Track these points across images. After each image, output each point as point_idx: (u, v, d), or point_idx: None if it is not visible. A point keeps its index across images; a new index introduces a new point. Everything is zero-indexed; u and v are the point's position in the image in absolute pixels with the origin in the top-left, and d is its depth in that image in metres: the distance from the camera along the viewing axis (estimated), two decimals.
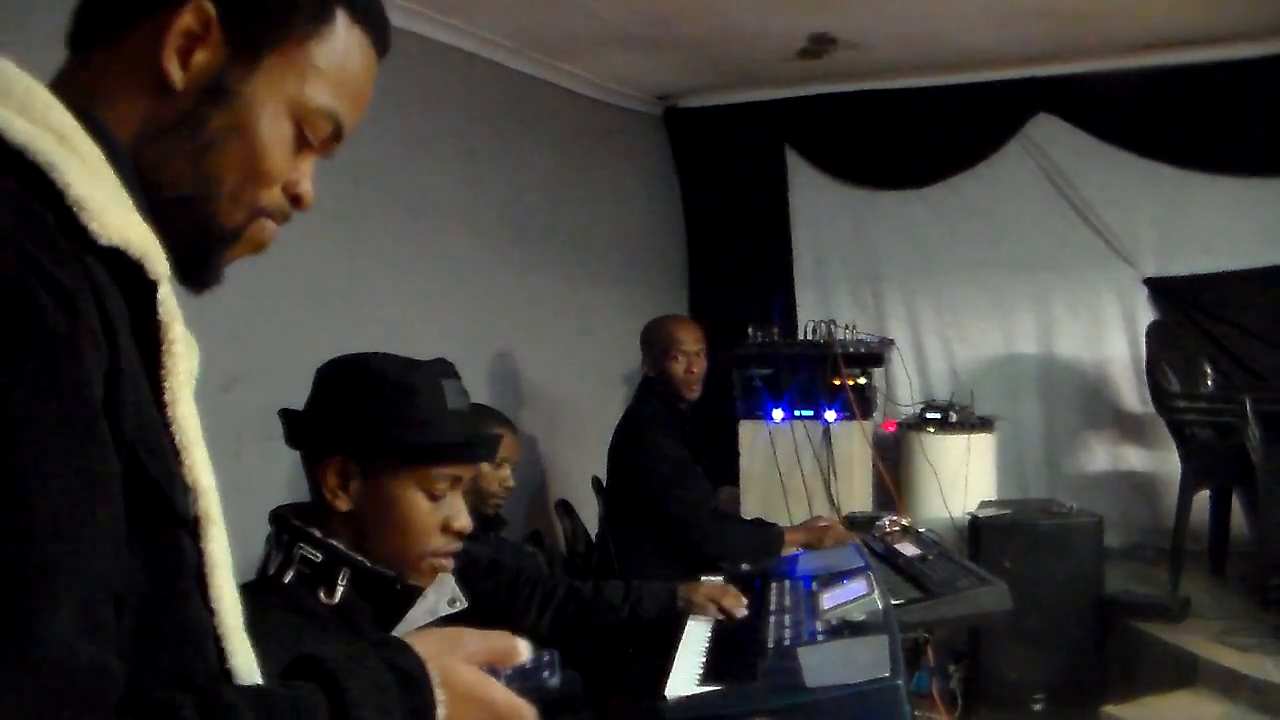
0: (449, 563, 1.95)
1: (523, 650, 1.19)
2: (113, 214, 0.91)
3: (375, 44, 1.14)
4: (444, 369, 1.98)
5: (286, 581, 1.82)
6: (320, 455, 1.90)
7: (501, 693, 1.15)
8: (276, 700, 0.98)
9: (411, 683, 1.07)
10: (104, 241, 0.89)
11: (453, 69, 5.10)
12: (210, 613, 1.02)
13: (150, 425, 0.95)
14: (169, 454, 0.97)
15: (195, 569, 1.01)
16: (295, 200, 1.13)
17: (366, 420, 1.88)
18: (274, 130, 1.06)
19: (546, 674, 1.29)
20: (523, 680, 1.24)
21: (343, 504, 1.87)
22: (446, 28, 4.98)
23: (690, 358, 4.51)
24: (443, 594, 1.97)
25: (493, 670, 1.18)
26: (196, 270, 1.08)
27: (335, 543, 1.85)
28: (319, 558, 1.83)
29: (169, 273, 0.97)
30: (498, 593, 2.88)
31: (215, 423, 1.08)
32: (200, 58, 1.03)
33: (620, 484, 4.46)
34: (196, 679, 0.98)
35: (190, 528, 1.00)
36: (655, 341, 4.60)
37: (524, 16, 5.13)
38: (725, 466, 5.80)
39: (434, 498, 1.90)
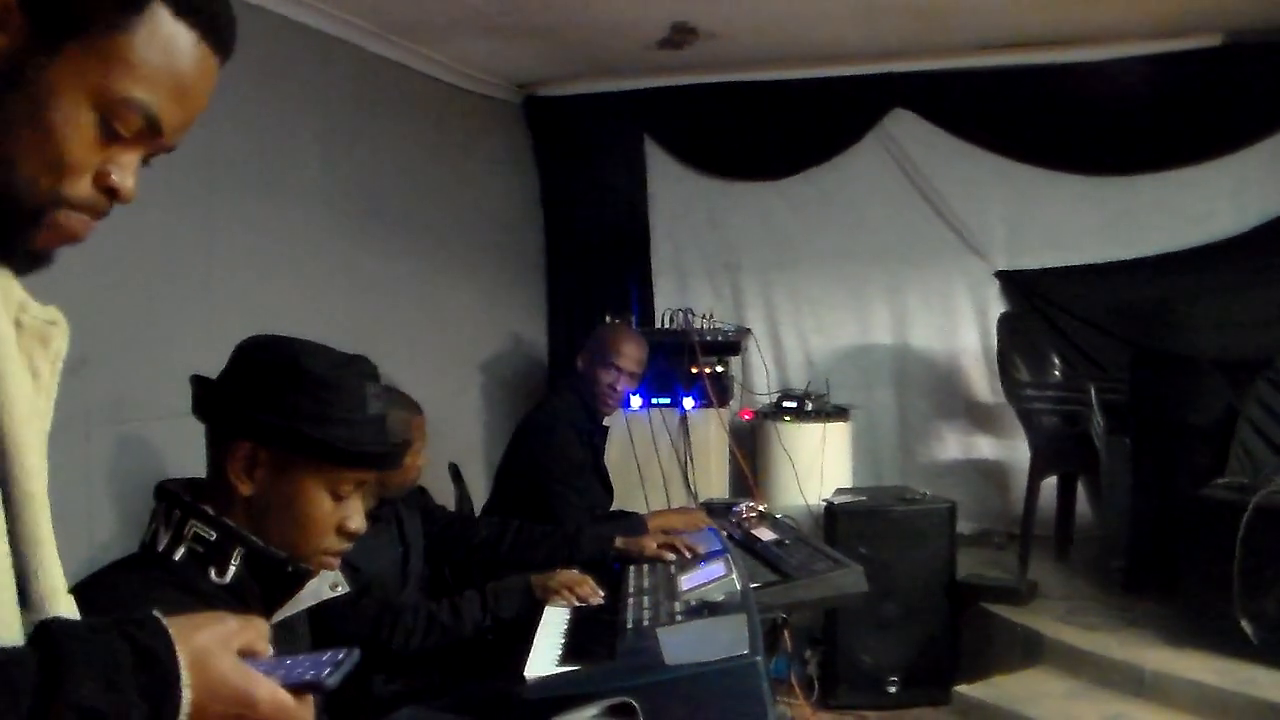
0: (336, 561, 1.96)
1: (264, 626, 1.15)
2: None
3: (208, 43, 1.11)
4: (367, 369, 1.98)
5: (177, 559, 1.79)
6: (230, 435, 1.87)
7: (266, 689, 1.07)
8: None
9: (152, 663, 1.01)
10: None
11: (309, 50, 4.97)
12: None
13: None
14: None
15: None
16: (110, 193, 1.09)
17: (287, 413, 1.86)
18: (71, 119, 1.03)
19: (328, 672, 1.17)
20: (300, 676, 1.14)
21: (245, 489, 1.85)
22: (303, 8, 4.85)
23: (623, 375, 4.46)
24: (325, 578, 1.96)
25: (277, 666, 1.12)
26: (8, 256, 1.07)
27: (229, 521, 1.82)
28: (212, 536, 1.81)
29: None
30: (361, 626, 2.85)
31: (63, 405, 1.05)
32: None
33: (513, 465, 4.41)
34: None
35: None
36: (598, 343, 4.55)
37: None
38: None
39: (338, 498, 1.91)
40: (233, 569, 1.79)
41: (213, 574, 1.79)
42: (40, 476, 1.06)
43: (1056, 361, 6.17)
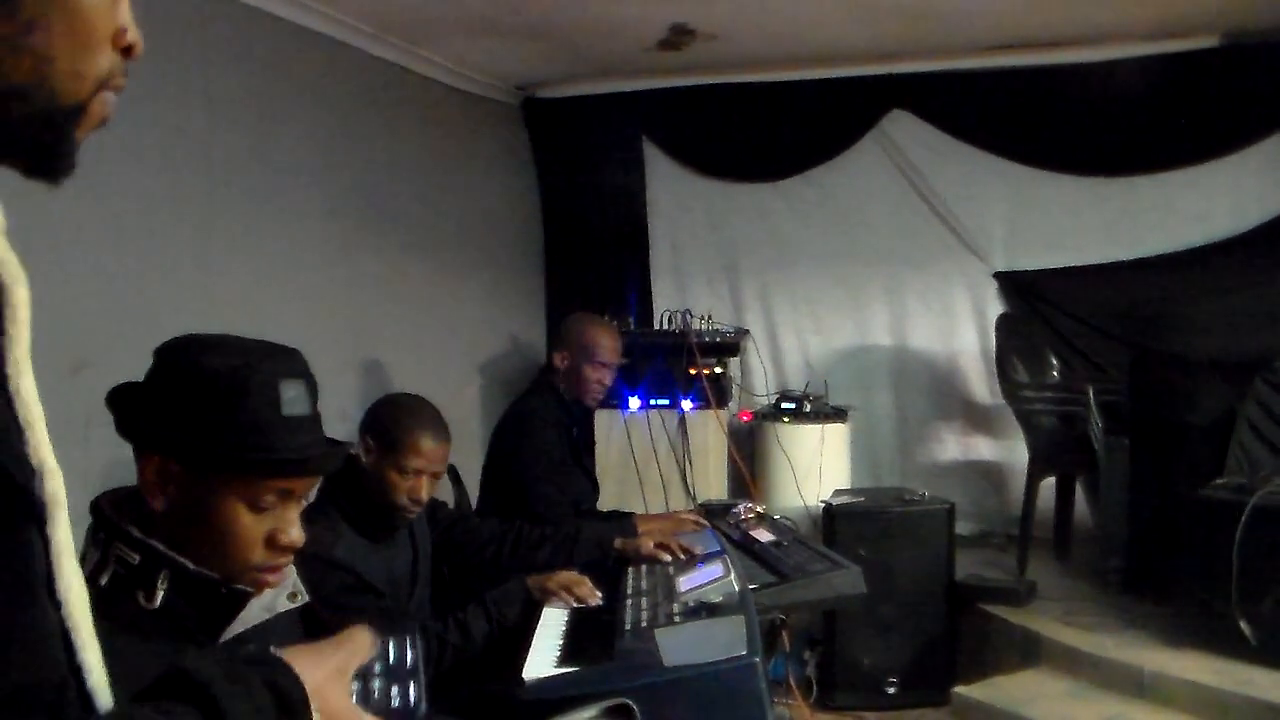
0: (275, 578, 1.80)
1: (368, 642, 1.15)
2: None
3: None
4: (287, 366, 1.79)
5: (103, 583, 1.65)
6: (141, 450, 1.73)
7: None
8: None
9: (291, 707, 1.02)
10: None
11: (310, 53, 4.97)
12: (57, 605, 0.94)
13: None
14: (12, 434, 0.89)
15: (44, 562, 0.93)
16: (126, 52, 1.00)
17: (187, 423, 1.70)
18: None
19: (415, 698, 1.22)
20: (392, 707, 1.18)
21: (160, 504, 1.70)
22: (304, 10, 4.85)
23: (608, 369, 4.51)
24: (282, 589, 1.85)
25: (362, 692, 1.14)
26: (50, 161, 0.97)
27: (154, 542, 1.67)
28: (136, 559, 1.66)
29: (5, 225, 0.91)
30: None
31: (63, 408, 1.01)
32: None
33: (496, 468, 4.42)
34: (48, 684, 0.90)
35: (38, 516, 0.92)
36: (578, 340, 4.56)
37: (382, 1, 5.04)
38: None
39: (259, 509, 1.73)
40: (161, 593, 1.66)
41: (141, 599, 1.65)
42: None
43: (1055, 362, 6.17)
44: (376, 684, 1.15)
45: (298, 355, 1.83)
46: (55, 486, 0.94)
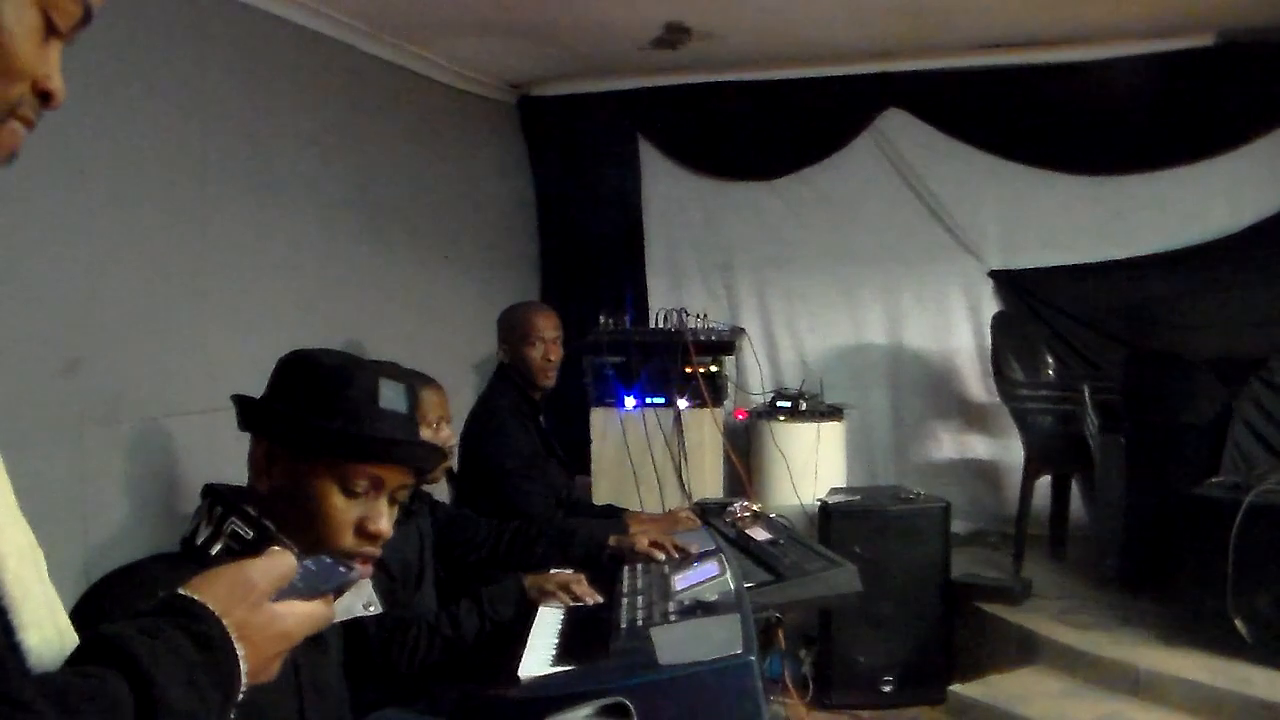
0: (365, 568, 1.85)
1: (290, 564, 1.15)
2: None
3: None
4: (390, 370, 1.99)
5: (213, 553, 1.79)
6: (253, 434, 1.92)
7: (293, 621, 1.12)
8: (79, 695, 0.92)
9: (214, 649, 1.03)
10: None
11: (304, 51, 4.96)
12: None
13: None
14: None
15: None
16: (45, 98, 1.01)
17: (291, 405, 1.89)
18: (21, 20, 0.96)
19: (343, 570, 1.24)
20: (322, 584, 1.19)
21: (264, 485, 1.87)
22: (297, 7, 4.84)
23: (547, 345, 4.51)
24: (359, 596, 1.91)
25: (293, 590, 1.14)
26: None
27: (267, 522, 1.83)
28: (249, 534, 1.81)
29: None
30: (375, 638, 2.83)
31: (56, 406, 1.02)
32: None
33: (469, 470, 4.42)
34: None
35: None
36: (513, 327, 4.58)
37: None
38: (577, 454, 5.78)
39: (350, 494, 1.87)
40: None
41: None
42: None
43: (1050, 361, 6.17)
44: (308, 574, 1.16)
45: (401, 368, 2.08)
46: None
